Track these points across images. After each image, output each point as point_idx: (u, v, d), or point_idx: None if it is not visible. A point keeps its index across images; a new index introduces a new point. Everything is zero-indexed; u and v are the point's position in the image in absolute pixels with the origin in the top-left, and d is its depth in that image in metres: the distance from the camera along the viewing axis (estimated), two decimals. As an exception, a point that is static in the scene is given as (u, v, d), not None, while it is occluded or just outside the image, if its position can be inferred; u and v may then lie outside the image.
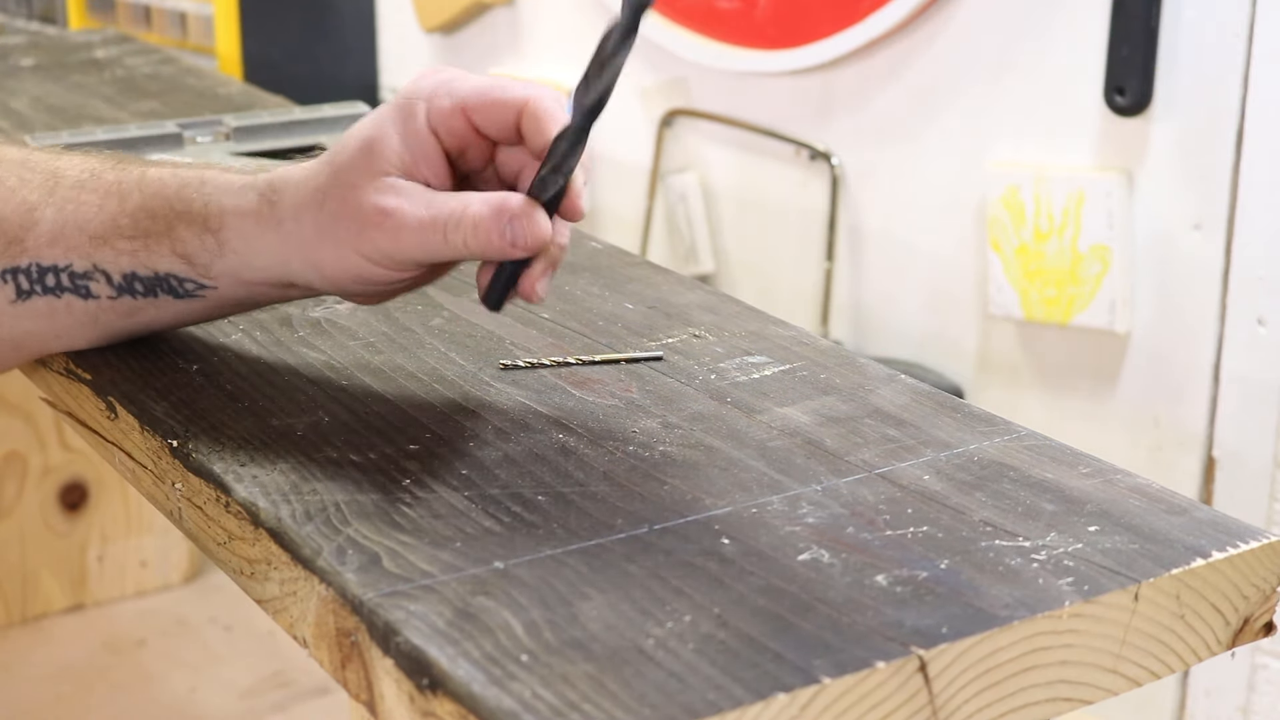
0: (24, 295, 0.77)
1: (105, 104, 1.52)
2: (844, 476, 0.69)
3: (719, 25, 1.95)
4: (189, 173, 0.77)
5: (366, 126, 0.72)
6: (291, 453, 0.70)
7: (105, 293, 0.77)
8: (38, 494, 1.88)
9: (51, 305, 0.78)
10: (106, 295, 0.77)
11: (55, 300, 0.78)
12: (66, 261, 0.77)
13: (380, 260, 0.71)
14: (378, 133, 0.71)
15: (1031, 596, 0.59)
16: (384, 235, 0.70)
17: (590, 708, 0.51)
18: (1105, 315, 1.61)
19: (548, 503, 0.66)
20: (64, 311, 0.78)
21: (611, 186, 2.16)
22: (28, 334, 0.79)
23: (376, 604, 0.58)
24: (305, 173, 0.73)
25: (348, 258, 0.71)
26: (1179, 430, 1.59)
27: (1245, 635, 0.65)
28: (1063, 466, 0.71)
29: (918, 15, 1.74)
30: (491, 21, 2.29)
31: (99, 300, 0.78)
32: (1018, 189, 1.65)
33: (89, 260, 0.76)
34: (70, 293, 0.77)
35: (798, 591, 0.59)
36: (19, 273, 0.77)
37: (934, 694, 0.56)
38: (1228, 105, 1.50)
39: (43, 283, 0.77)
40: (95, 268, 0.77)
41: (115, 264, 0.76)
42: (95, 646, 1.85)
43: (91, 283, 0.77)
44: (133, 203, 0.76)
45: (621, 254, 1.02)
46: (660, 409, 0.76)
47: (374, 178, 0.70)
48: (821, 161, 1.89)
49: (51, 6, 2.89)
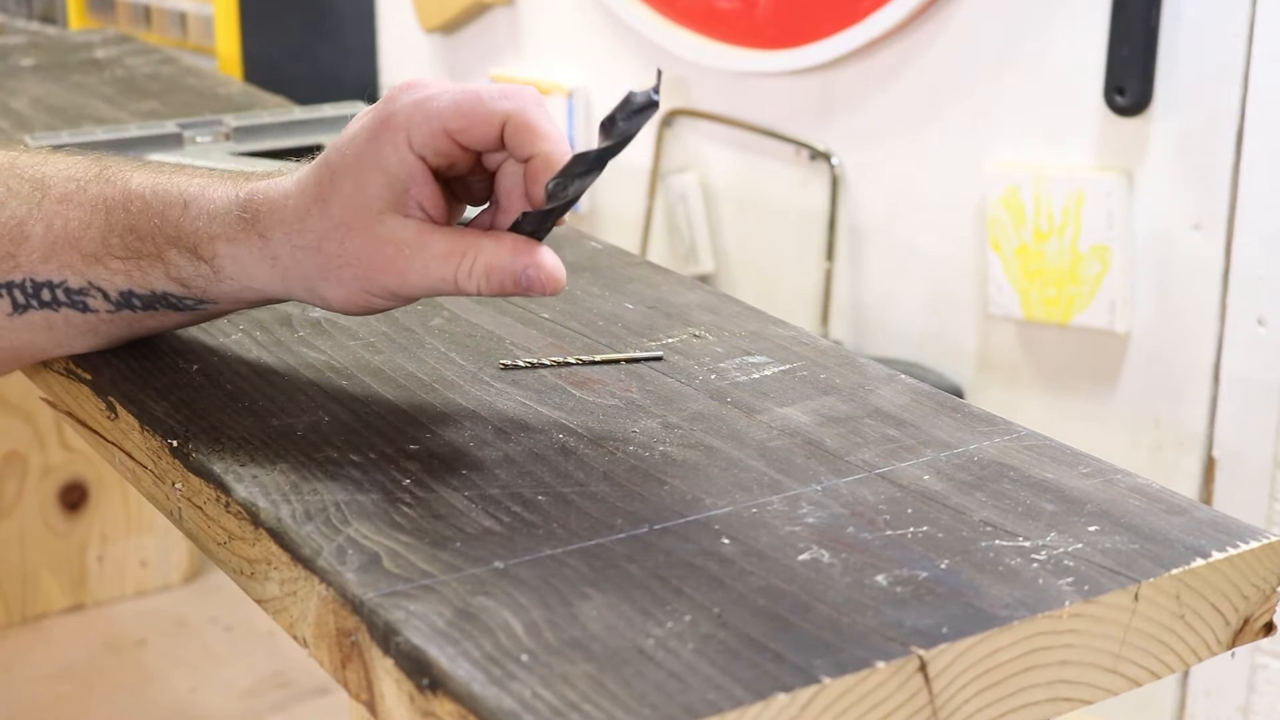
0: (20, 309, 0.77)
1: (105, 104, 1.52)
2: (844, 476, 0.69)
3: (719, 25, 1.95)
4: (171, 189, 0.75)
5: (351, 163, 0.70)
6: (291, 453, 0.70)
7: (103, 307, 0.77)
8: (38, 494, 1.88)
9: (49, 319, 0.77)
10: (105, 310, 0.77)
11: (53, 314, 0.77)
12: (61, 278, 0.76)
13: (387, 297, 0.71)
14: (366, 169, 0.69)
15: (1031, 596, 0.59)
16: (391, 278, 0.69)
17: (590, 708, 0.51)
18: (1105, 315, 1.61)
19: (548, 503, 0.66)
20: (63, 324, 0.78)
21: (611, 186, 2.16)
22: (27, 344, 0.79)
23: (377, 604, 0.58)
24: (283, 193, 0.71)
25: (355, 295, 0.71)
26: (1179, 430, 1.59)
27: (1245, 635, 0.65)
28: (1063, 466, 0.71)
29: (918, 15, 1.74)
30: (491, 21, 2.29)
31: (98, 314, 0.77)
32: (1018, 189, 1.65)
33: (84, 278, 0.75)
34: (68, 307, 0.77)
35: (798, 591, 0.59)
36: (14, 287, 0.76)
37: (934, 694, 0.56)
38: (1228, 105, 1.50)
39: (39, 297, 0.76)
40: (91, 284, 0.76)
41: (111, 282, 0.75)
42: (95, 646, 1.85)
43: (89, 298, 0.76)
44: (119, 222, 0.75)
45: (621, 254, 1.02)
46: (660, 409, 0.76)
47: (372, 218, 0.69)
48: (821, 161, 1.89)
49: (51, 6, 2.89)
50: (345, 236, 0.69)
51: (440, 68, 2.38)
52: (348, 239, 0.69)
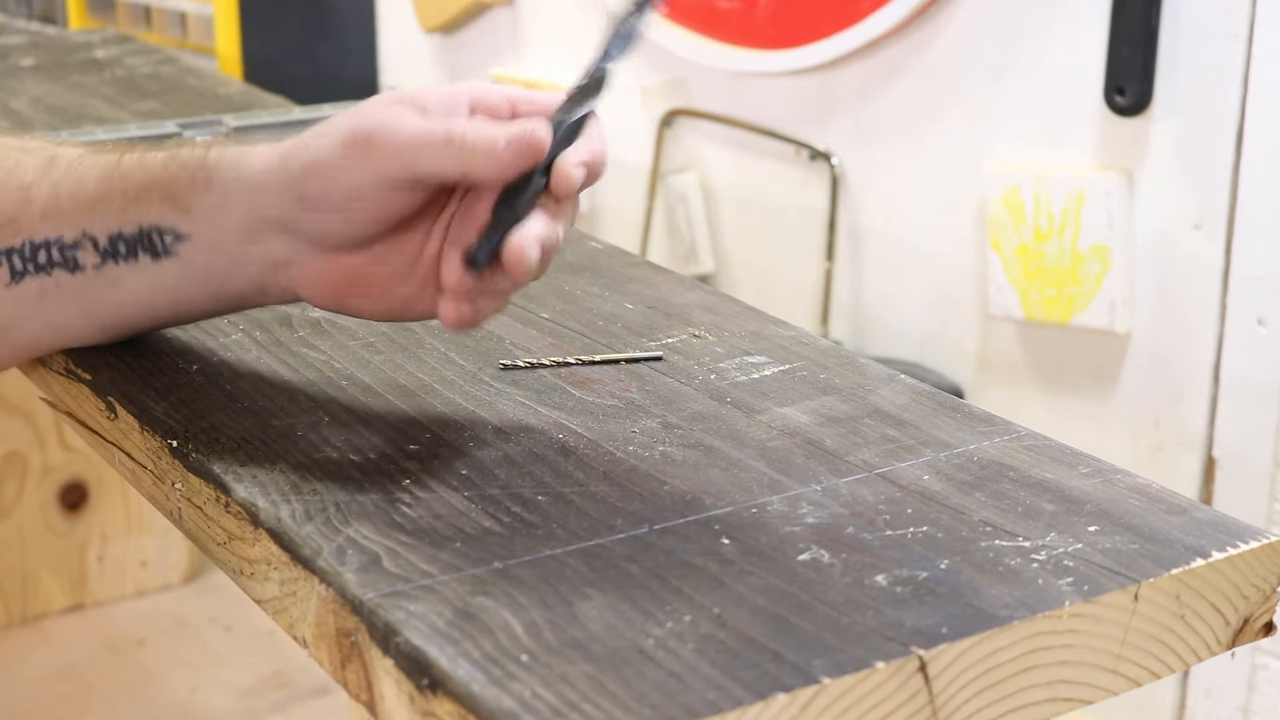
0: (17, 277, 0.78)
1: (105, 104, 1.52)
2: (844, 476, 0.69)
3: (719, 25, 1.95)
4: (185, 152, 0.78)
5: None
6: (291, 453, 0.70)
7: (91, 261, 0.77)
8: (38, 494, 1.88)
9: (42, 285, 0.78)
10: (92, 264, 0.77)
11: (46, 279, 0.78)
12: (57, 234, 0.77)
13: (372, 168, 0.70)
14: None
15: (1031, 596, 0.59)
16: (384, 137, 0.69)
17: (590, 708, 0.51)
18: (1105, 315, 1.61)
19: (548, 503, 0.66)
20: (53, 291, 0.78)
21: (611, 186, 2.16)
22: (19, 319, 0.79)
23: (376, 604, 0.58)
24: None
25: (336, 173, 0.71)
26: (1179, 430, 1.59)
27: (1245, 635, 0.65)
28: (1063, 466, 0.71)
29: (918, 15, 1.74)
30: (491, 21, 2.29)
31: (85, 272, 0.78)
32: (1018, 189, 1.65)
33: (78, 228, 0.77)
34: (60, 267, 0.78)
35: (798, 591, 0.59)
36: (13, 253, 0.78)
37: (934, 694, 0.56)
38: (1228, 105, 1.50)
39: (35, 260, 0.78)
40: (84, 235, 0.77)
41: (103, 225, 0.77)
42: (95, 646, 1.85)
43: (79, 252, 0.77)
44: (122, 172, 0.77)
45: (621, 254, 1.02)
46: (660, 409, 0.76)
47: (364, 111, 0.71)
48: (821, 161, 1.89)
49: (51, 6, 2.90)
50: (344, 119, 0.72)
51: (440, 68, 2.38)
52: (345, 118, 0.72)
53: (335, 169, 0.71)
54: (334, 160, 0.71)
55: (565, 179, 0.70)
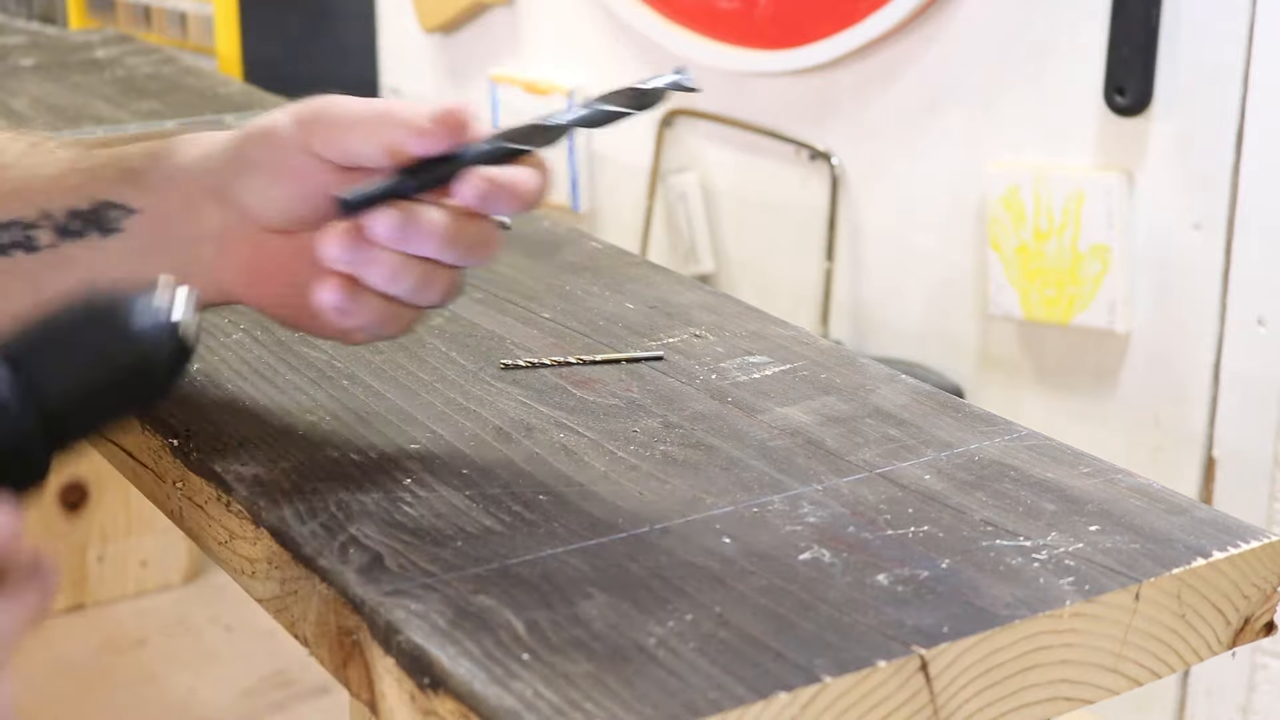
0: None
1: (105, 104, 1.52)
2: (845, 476, 0.69)
3: (719, 25, 1.95)
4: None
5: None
6: (292, 452, 0.70)
7: (47, 240, 0.77)
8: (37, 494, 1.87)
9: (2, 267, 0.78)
10: (48, 244, 0.77)
11: (6, 260, 0.78)
12: (20, 215, 0.78)
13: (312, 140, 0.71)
14: None
15: (1032, 596, 0.59)
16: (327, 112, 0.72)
17: (591, 706, 0.51)
18: (1105, 315, 1.61)
19: (549, 502, 0.66)
20: (11, 271, 0.78)
21: (611, 186, 2.16)
22: None
23: (378, 603, 0.58)
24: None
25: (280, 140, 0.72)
26: (1179, 430, 1.59)
27: (1246, 635, 0.65)
28: (1063, 466, 0.71)
29: (917, 16, 1.74)
30: (491, 21, 2.29)
31: (39, 254, 0.78)
32: (1018, 189, 1.65)
33: (38, 208, 0.77)
34: (19, 248, 0.78)
35: (799, 591, 0.59)
36: None
37: (935, 693, 0.56)
38: (1228, 105, 1.50)
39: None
40: (43, 214, 0.77)
41: (62, 203, 0.77)
42: (95, 646, 1.85)
43: (38, 231, 0.77)
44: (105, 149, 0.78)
45: (622, 254, 1.02)
46: (661, 409, 0.76)
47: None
48: (821, 161, 1.89)
49: (51, 6, 2.90)
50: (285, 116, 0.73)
51: (440, 68, 2.38)
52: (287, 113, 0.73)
53: (279, 137, 0.72)
54: (280, 129, 0.72)
55: (467, 180, 0.68)
